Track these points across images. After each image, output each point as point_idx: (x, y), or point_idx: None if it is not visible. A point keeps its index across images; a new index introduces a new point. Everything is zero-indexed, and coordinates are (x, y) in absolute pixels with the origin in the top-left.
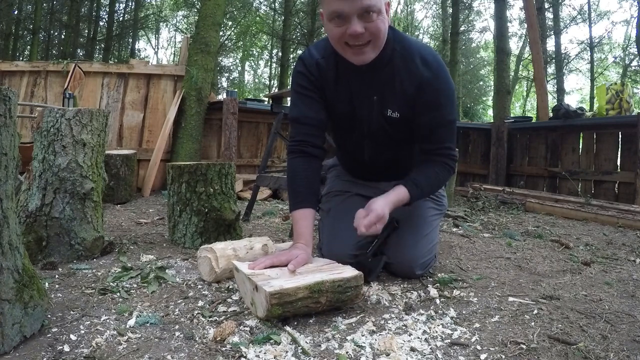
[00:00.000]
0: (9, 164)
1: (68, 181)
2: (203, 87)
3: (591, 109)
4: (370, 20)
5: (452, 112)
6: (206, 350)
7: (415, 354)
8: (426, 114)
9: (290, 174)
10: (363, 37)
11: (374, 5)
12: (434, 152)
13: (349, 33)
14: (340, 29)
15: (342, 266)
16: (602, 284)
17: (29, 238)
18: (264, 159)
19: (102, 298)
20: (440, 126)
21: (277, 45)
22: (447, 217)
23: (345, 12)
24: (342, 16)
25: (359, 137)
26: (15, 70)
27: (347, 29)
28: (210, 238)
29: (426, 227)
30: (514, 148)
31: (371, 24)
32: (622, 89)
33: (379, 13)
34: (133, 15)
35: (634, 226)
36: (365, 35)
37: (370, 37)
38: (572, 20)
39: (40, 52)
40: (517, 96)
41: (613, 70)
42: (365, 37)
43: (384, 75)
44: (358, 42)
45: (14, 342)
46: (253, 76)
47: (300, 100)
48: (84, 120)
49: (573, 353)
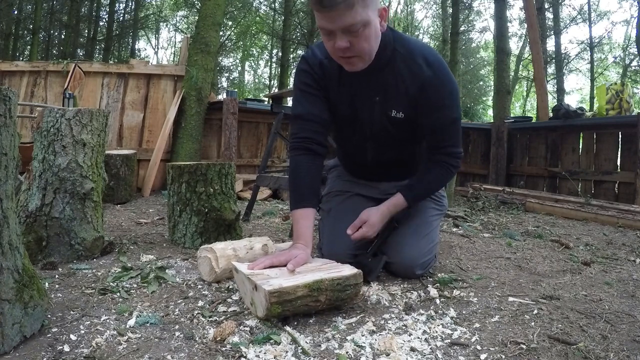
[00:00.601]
0: (9, 164)
1: (68, 181)
2: (203, 87)
3: (591, 109)
4: (356, 35)
5: (456, 111)
6: (206, 350)
7: (415, 354)
8: (430, 114)
9: (293, 171)
10: (350, 50)
11: (357, 22)
12: (438, 151)
13: (335, 47)
14: (331, 42)
15: (342, 265)
16: (602, 284)
17: (29, 238)
18: (264, 159)
19: (102, 298)
20: (444, 126)
21: (277, 45)
22: (447, 217)
23: (329, 28)
24: (328, 31)
25: (361, 138)
26: (15, 70)
27: (334, 43)
28: (210, 238)
29: (426, 227)
30: (514, 148)
31: (355, 40)
32: (622, 89)
33: (365, 26)
34: (133, 15)
35: (634, 226)
36: (350, 49)
37: (355, 52)
38: (572, 20)
39: (40, 52)
40: (517, 96)
41: (613, 70)
42: (350, 51)
43: (385, 76)
44: (344, 55)
45: (14, 342)
46: (253, 76)
47: (304, 97)
48: (84, 120)
49: (573, 353)
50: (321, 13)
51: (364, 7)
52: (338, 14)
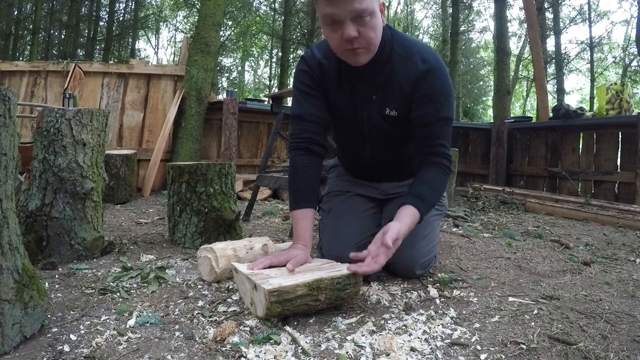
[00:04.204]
0: (9, 164)
1: (68, 181)
2: (203, 87)
3: (591, 109)
4: (364, 23)
5: (447, 111)
6: (206, 350)
7: (415, 354)
8: (421, 108)
9: (292, 171)
10: (357, 41)
11: (365, 9)
12: (429, 150)
13: (344, 38)
14: (336, 33)
15: (341, 264)
16: (602, 284)
17: (29, 238)
18: (264, 159)
19: (102, 298)
20: (435, 121)
21: (277, 45)
22: (447, 217)
23: (337, 16)
24: (336, 20)
25: (360, 138)
26: (15, 70)
27: (342, 33)
28: (210, 238)
29: (426, 227)
30: (514, 148)
31: (363, 29)
32: (622, 89)
33: (372, 15)
34: (133, 15)
35: (634, 226)
36: (359, 40)
37: (362, 43)
38: (572, 21)
39: (40, 52)
40: (517, 96)
41: (613, 70)
42: (359, 41)
43: (383, 74)
44: (352, 46)
45: (14, 342)
46: (253, 76)
47: (304, 97)
48: (84, 120)
49: (573, 353)
50: (331, 0)
51: None
52: (349, 0)
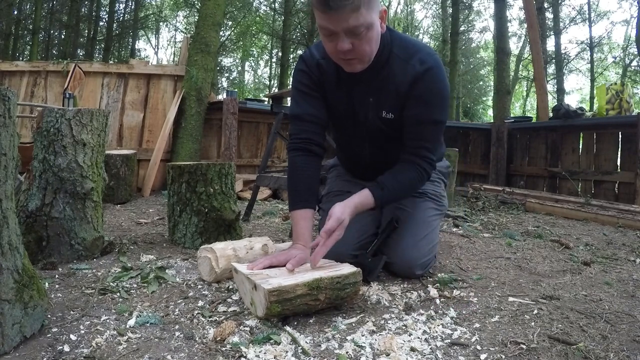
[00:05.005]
0: (9, 164)
1: (68, 181)
2: (203, 87)
3: (591, 109)
4: (359, 37)
5: (440, 114)
6: (206, 350)
7: (415, 354)
8: (414, 107)
9: (292, 172)
10: (351, 53)
11: (360, 24)
12: (412, 151)
13: (338, 49)
14: (332, 43)
15: (341, 264)
16: (602, 284)
17: (29, 238)
18: (264, 159)
19: (102, 298)
20: (424, 123)
21: (277, 45)
22: (447, 217)
23: (332, 30)
24: (331, 32)
25: (360, 138)
26: (15, 70)
27: (336, 44)
28: (210, 238)
29: (426, 227)
30: (514, 148)
31: (358, 42)
32: (622, 89)
33: (368, 28)
34: (133, 15)
35: (634, 226)
36: (352, 52)
37: (356, 55)
38: (572, 21)
39: (40, 52)
40: (517, 96)
41: (613, 70)
42: (352, 53)
43: (380, 77)
44: (346, 57)
45: (14, 342)
46: (253, 76)
47: (302, 97)
48: (84, 120)
49: (573, 353)
50: (326, 14)
51: (368, 9)
52: (343, 16)
